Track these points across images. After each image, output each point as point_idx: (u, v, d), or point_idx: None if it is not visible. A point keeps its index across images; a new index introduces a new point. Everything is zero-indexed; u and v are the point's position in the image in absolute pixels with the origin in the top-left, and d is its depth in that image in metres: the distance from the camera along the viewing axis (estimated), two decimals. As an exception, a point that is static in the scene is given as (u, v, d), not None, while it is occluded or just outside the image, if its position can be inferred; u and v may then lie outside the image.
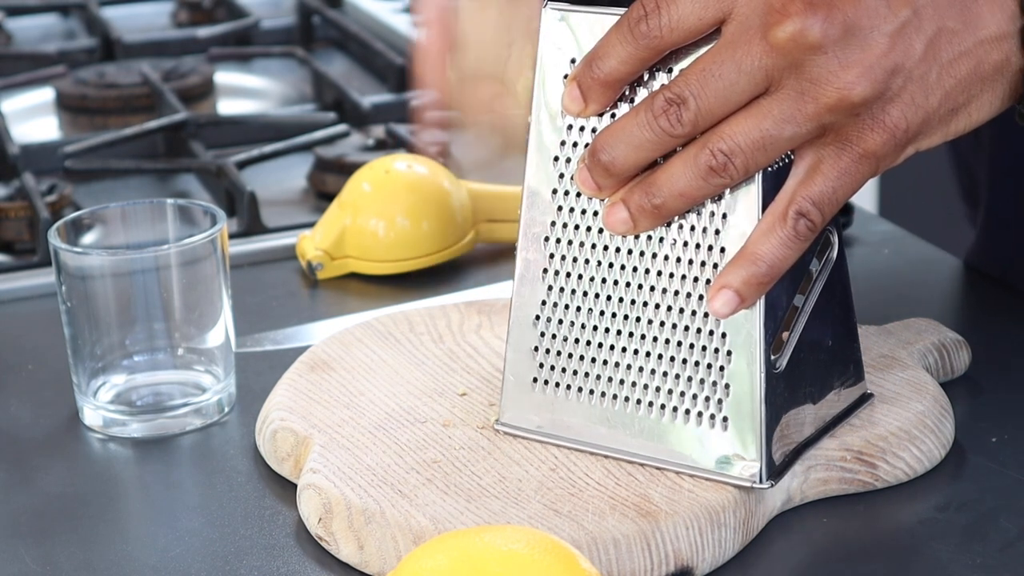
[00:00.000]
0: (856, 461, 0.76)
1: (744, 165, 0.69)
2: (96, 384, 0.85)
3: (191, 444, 0.84)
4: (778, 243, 0.69)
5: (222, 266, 0.85)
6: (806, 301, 0.74)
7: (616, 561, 0.69)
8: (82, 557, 0.74)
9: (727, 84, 0.68)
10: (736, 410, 0.72)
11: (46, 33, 1.66)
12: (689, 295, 0.73)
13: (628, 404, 0.75)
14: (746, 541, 0.73)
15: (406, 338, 0.88)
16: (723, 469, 0.73)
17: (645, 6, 0.69)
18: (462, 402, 0.81)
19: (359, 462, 0.76)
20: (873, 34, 0.68)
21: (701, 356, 0.73)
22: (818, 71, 0.67)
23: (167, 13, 1.68)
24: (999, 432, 0.81)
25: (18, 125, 1.34)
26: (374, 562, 0.72)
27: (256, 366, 0.91)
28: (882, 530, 0.74)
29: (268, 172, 1.20)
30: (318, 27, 1.59)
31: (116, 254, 0.85)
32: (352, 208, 1.03)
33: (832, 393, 0.77)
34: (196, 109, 1.35)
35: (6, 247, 1.10)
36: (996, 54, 0.70)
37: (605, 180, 0.72)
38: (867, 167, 0.69)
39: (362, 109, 1.29)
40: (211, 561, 0.73)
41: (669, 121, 0.69)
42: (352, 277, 1.03)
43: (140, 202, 0.89)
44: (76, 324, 0.84)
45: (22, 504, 0.79)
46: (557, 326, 0.76)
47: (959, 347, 0.86)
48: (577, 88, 0.72)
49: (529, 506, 0.72)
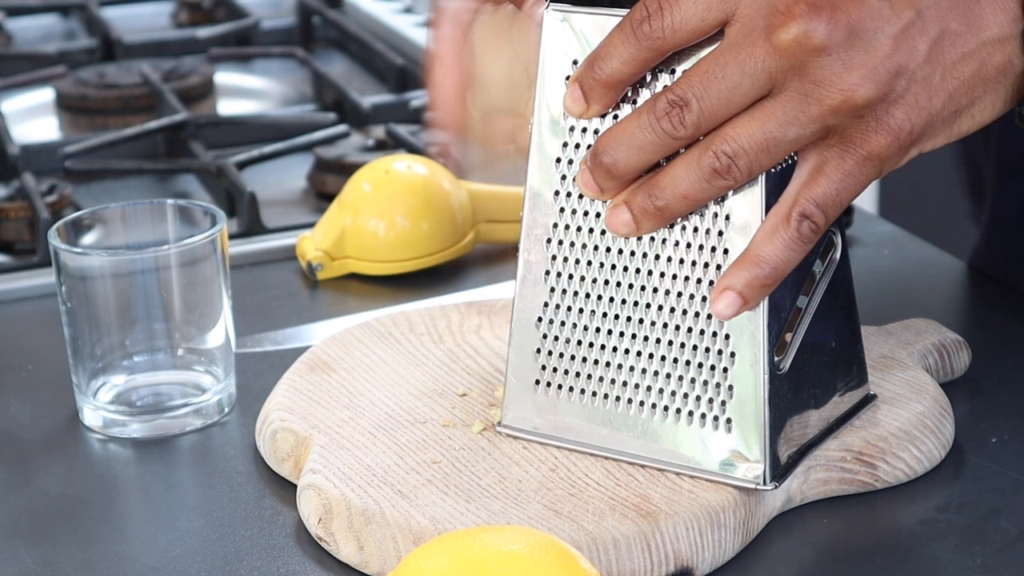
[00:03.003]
0: (856, 462, 0.76)
1: (748, 167, 0.69)
2: (96, 384, 0.85)
3: (191, 445, 0.84)
4: (781, 245, 0.69)
5: (222, 266, 0.85)
6: (809, 302, 0.74)
7: (616, 561, 0.69)
8: (82, 557, 0.74)
9: (730, 86, 0.68)
10: (740, 412, 0.72)
11: (46, 33, 1.66)
12: (692, 296, 0.73)
13: (631, 406, 0.75)
14: (746, 541, 0.73)
15: (406, 339, 0.88)
16: (727, 471, 0.73)
17: (648, 7, 0.69)
18: (462, 403, 0.81)
19: (359, 462, 0.76)
20: (877, 36, 0.68)
21: (704, 358, 0.73)
22: (822, 73, 0.67)
23: (167, 13, 1.68)
24: (999, 433, 0.81)
25: (18, 125, 1.34)
26: (374, 562, 0.72)
27: (256, 366, 0.91)
28: (882, 530, 0.74)
29: (268, 172, 1.20)
30: (318, 27, 1.59)
31: (116, 254, 0.85)
32: (352, 208, 1.03)
33: (836, 394, 0.77)
34: (196, 109, 1.35)
35: (6, 247, 1.10)
36: (999, 56, 0.70)
37: (607, 182, 0.72)
38: (871, 169, 0.69)
39: (362, 109, 1.29)
40: (211, 561, 0.73)
41: (671, 123, 0.69)
42: (352, 277, 1.03)
43: (140, 202, 0.89)
44: (76, 324, 0.84)
45: (22, 504, 0.79)
46: (559, 328, 0.76)
47: (959, 348, 0.86)
48: (579, 89, 0.72)
49: (529, 506, 0.72)
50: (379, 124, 1.25)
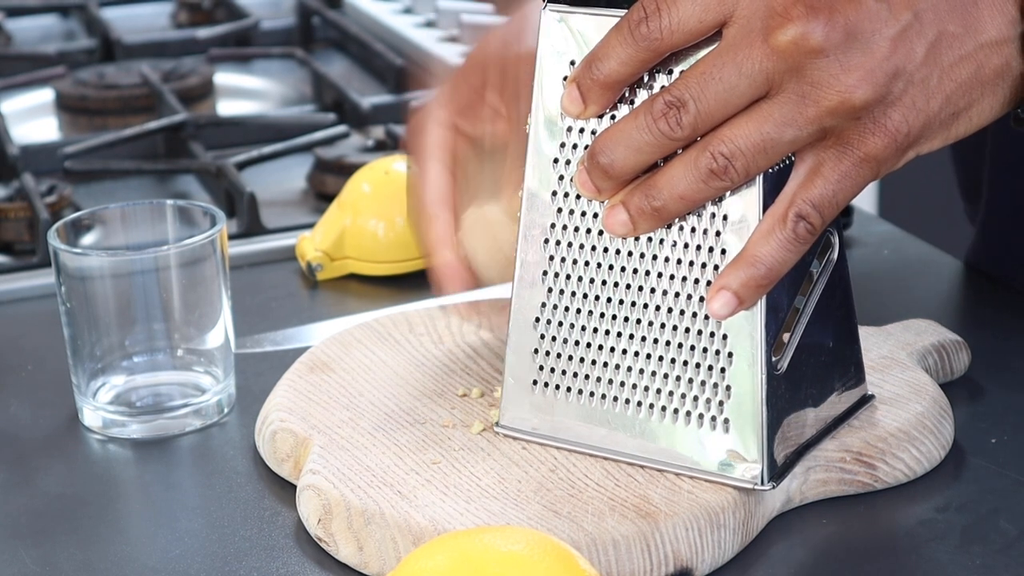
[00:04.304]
0: (855, 462, 0.76)
1: (745, 168, 0.69)
2: (96, 385, 0.85)
3: (191, 445, 0.84)
4: (777, 245, 0.69)
5: (222, 267, 0.85)
6: (807, 303, 0.74)
7: (616, 562, 0.69)
8: (82, 558, 0.74)
9: (727, 87, 0.68)
10: (737, 412, 0.72)
11: (46, 34, 1.66)
12: (690, 296, 0.73)
13: (629, 406, 0.75)
14: (745, 542, 0.73)
15: (406, 339, 0.88)
16: (724, 471, 0.73)
17: (646, 8, 0.69)
18: (462, 403, 0.81)
19: (358, 463, 0.76)
20: (875, 38, 0.68)
21: (702, 358, 0.73)
22: (819, 75, 0.67)
23: (167, 14, 1.68)
24: (999, 433, 0.81)
25: (18, 126, 1.34)
26: (373, 563, 0.72)
27: (256, 367, 0.91)
28: (881, 531, 0.74)
29: (268, 173, 1.20)
30: (318, 28, 1.59)
31: (116, 255, 0.85)
32: (352, 209, 1.03)
33: (833, 394, 0.77)
34: (196, 110, 1.35)
35: (6, 248, 1.10)
36: (997, 58, 0.70)
37: (604, 183, 0.72)
38: (868, 171, 0.69)
39: (362, 110, 1.29)
40: (210, 562, 0.73)
41: (668, 124, 0.69)
42: (352, 278, 1.03)
43: (140, 203, 0.89)
44: (76, 325, 0.84)
45: (22, 505, 0.79)
46: (557, 328, 0.76)
47: (959, 348, 0.86)
48: (577, 90, 0.72)
49: (528, 507, 0.72)
50: (379, 125, 1.25)
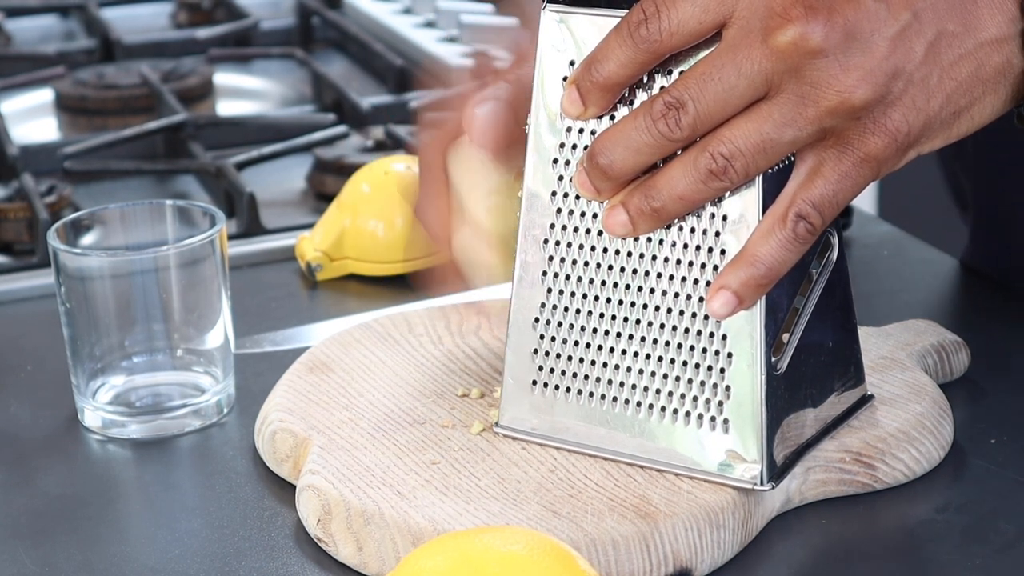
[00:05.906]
0: (855, 462, 0.76)
1: (744, 168, 0.69)
2: (95, 385, 0.85)
3: (190, 445, 0.84)
4: (777, 245, 0.69)
5: (221, 267, 0.85)
6: (806, 303, 0.74)
7: (615, 562, 0.69)
8: (81, 558, 0.74)
9: (726, 88, 0.68)
10: (737, 412, 0.72)
11: (46, 34, 1.66)
12: (689, 297, 0.73)
13: (628, 406, 0.75)
14: (745, 542, 0.73)
15: (405, 339, 0.88)
16: (724, 471, 0.73)
17: (645, 9, 0.69)
18: (461, 403, 0.81)
19: (358, 463, 0.76)
20: (874, 38, 0.68)
21: (702, 358, 0.73)
22: (819, 75, 0.67)
23: (166, 14, 1.68)
24: (998, 433, 0.81)
25: (17, 126, 1.34)
26: (373, 563, 0.72)
27: (255, 367, 0.91)
28: (881, 531, 0.74)
29: (267, 173, 1.20)
30: (317, 28, 1.59)
31: (115, 255, 0.85)
32: (351, 209, 1.03)
33: (833, 395, 0.77)
34: (195, 110, 1.35)
35: (5, 248, 1.10)
36: (997, 57, 0.70)
37: (603, 184, 0.72)
38: (868, 171, 0.69)
39: (361, 110, 1.29)
40: (210, 562, 0.73)
41: (668, 125, 0.69)
42: (351, 278, 1.03)
43: (139, 203, 0.89)
44: (75, 325, 0.84)
45: (21, 505, 0.79)
46: (556, 328, 0.76)
47: (958, 348, 0.86)
48: (576, 91, 0.72)
49: (528, 507, 0.72)
50: (378, 125, 1.25)
